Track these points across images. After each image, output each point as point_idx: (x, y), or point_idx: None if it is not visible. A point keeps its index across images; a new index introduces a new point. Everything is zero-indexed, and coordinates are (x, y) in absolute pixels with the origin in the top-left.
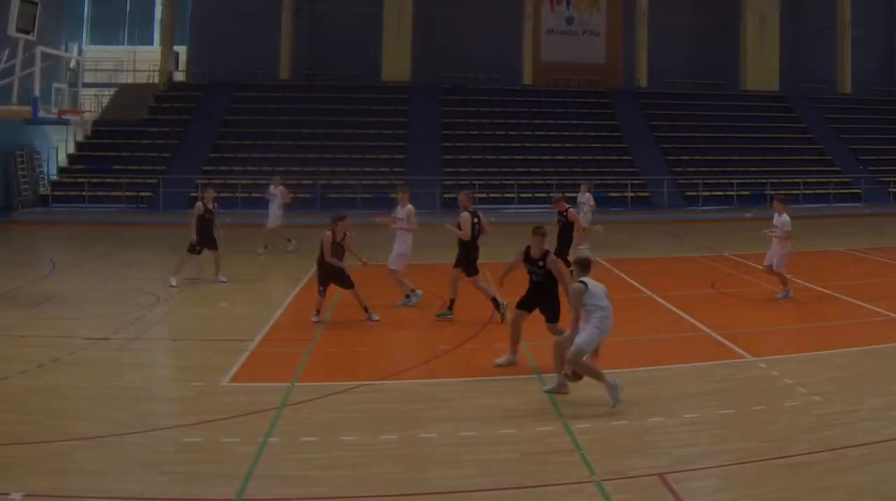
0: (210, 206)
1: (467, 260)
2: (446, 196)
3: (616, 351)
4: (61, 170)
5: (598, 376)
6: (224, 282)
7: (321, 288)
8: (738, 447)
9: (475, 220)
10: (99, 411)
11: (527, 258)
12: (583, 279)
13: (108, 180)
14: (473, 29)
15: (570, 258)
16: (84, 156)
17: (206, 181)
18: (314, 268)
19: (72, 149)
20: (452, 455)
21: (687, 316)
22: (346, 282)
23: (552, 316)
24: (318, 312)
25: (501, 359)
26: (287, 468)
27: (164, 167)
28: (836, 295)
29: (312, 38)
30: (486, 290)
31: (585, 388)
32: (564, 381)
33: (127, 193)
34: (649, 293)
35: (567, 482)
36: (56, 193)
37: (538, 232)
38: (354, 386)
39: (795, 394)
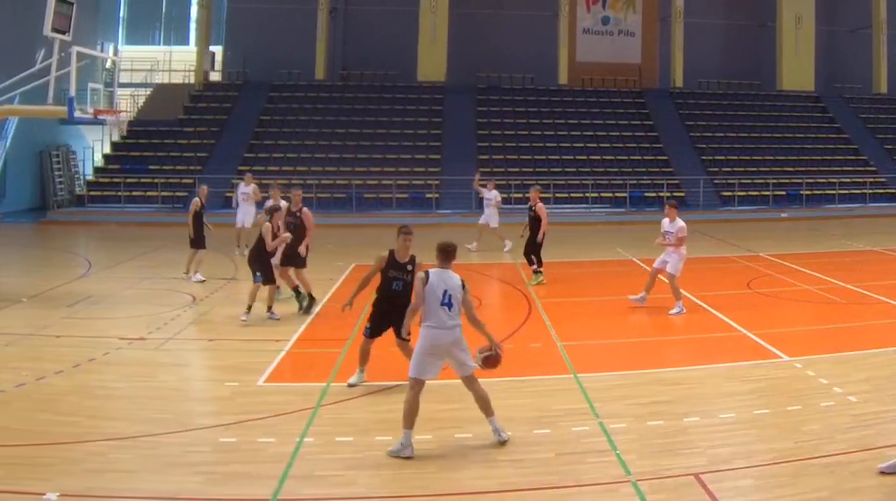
0: (204, 202)
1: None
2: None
3: (652, 350)
4: (97, 170)
5: (409, 416)
6: (202, 281)
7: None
8: (774, 447)
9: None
10: (134, 411)
11: (391, 264)
12: (430, 270)
13: (143, 180)
14: (509, 29)
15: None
16: (120, 156)
17: (200, 179)
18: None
19: (107, 149)
20: (487, 455)
21: (723, 317)
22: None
23: (402, 331)
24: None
25: (353, 379)
26: (322, 468)
27: (199, 167)
28: (871, 295)
29: (347, 38)
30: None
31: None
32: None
33: (163, 193)
34: (685, 293)
35: (603, 482)
36: (92, 193)
37: (404, 232)
38: (390, 386)
39: (831, 394)
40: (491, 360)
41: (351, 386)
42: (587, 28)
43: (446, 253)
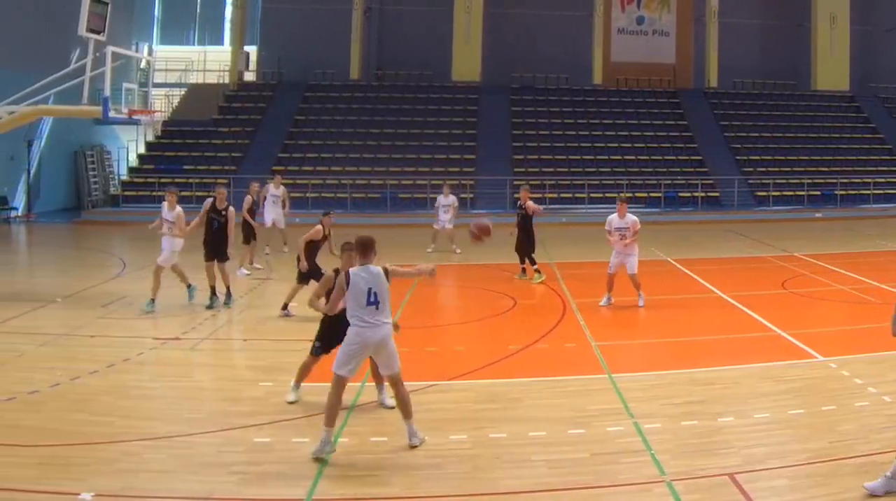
0: (256, 199)
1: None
2: (516, 196)
3: (687, 350)
4: (131, 170)
5: (331, 414)
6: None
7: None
8: (808, 447)
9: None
10: (168, 411)
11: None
12: (351, 269)
13: (178, 180)
14: (543, 29)
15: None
16: (154, 156)
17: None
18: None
19: (142, 149)
20: (522, 455)
21: (757, 316)
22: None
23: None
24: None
25: (291, 396)
26: (357, 468)
27: (234, 167)
28: None
29: (382, 38)
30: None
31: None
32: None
33: (197, 193)
34: (720, 293)
35: (637, 482)
36: (126, 193)
37: (347, 248)
38: (424, 386)
39: (866, 394)
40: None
41: (291, 403)
42: (622, 28)
43: (366, 248)
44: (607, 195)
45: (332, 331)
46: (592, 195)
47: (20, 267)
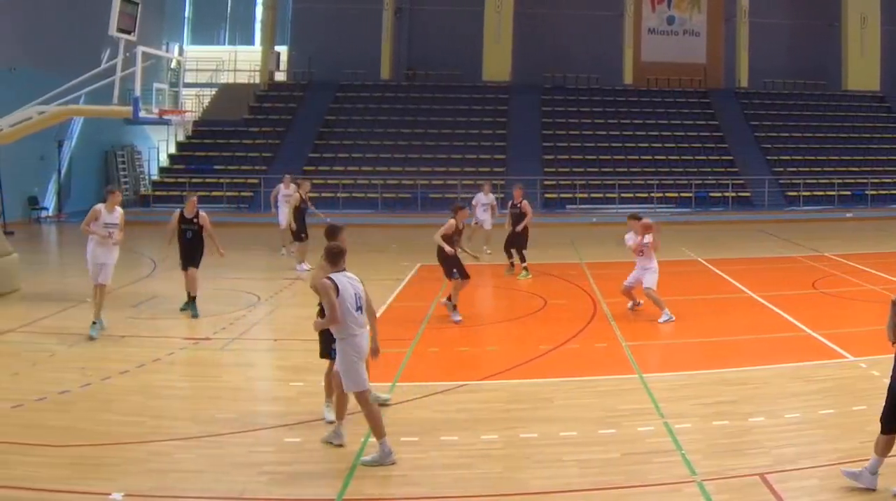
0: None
1: None
2: (547, 195)
3: (717, 350)
4: (162, 170)
5: (374, 426)
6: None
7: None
8: (839, 447)
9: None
10: (199, 411)
11: None
12: (333, 275)
13: (208, 180)
14: (574, 28)
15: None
16: (185, 156)
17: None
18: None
19: (173, 149)
20: (553, 455)
21: (788, 316)
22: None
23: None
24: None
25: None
26: (387, 468)
27: (264, 167)
28: None
29: (413, 38)
30: None
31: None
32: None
33: (228, 193)
34: (750, 293)
35: (668, 482)
36: (157, 193)
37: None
38: (455, 385)
39: None
40: None
41: (330, 423)
42: (652, 28)
43: (338, 255)
44: (638, 195)
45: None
46: (623, 195)
47: (51, 268)
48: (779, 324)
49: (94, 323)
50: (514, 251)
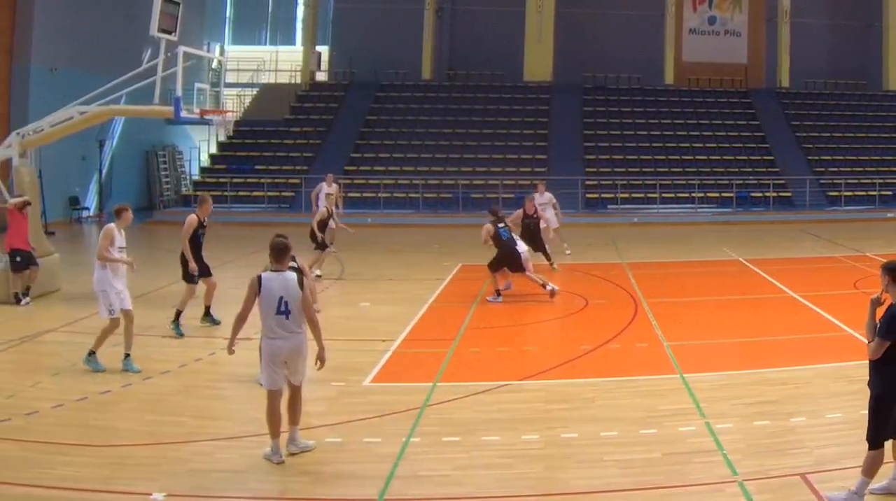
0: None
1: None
2: (588, 195)
3: (758, 350)
4: (203, 170)
5: (271, 425)
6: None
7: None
8: None
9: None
10: (240, 411)
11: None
12: (262, 274)
13: (250, 180)
14: (615, 29)
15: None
16: (226, 156)
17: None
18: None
19: (214, 149)
20: (594, 455)
21: (829, 316)
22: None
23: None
24: None
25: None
26: (428, 468)
27: (306, 167)
28: None
29: (454, 38)
30: None
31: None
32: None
33: (269, 193)
34: (791, 293)
35: (709, 482)
36: (198, 193)
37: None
38: (496, 385)
39: None
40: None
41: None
42: (693, 28)
43: (279, 252)
44: (679, 195)
45: None
46: (664, 195)
47: (91, 268)
48: (820, 324)
49: (127, 355)
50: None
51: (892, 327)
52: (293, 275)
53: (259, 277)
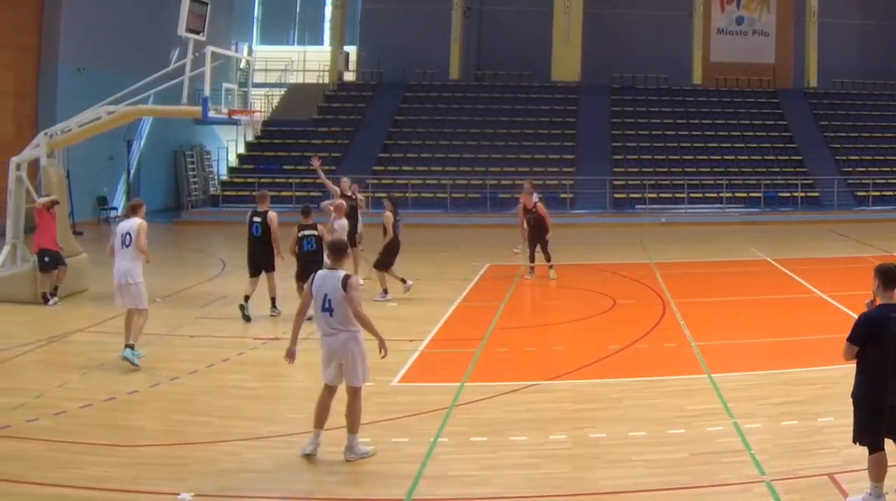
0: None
1: None
2: (616, 195)
3: (786, 350)
4: (231, 170)
5: (315, 417)
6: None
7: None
8: None
9: None
10: (268, 411)
11: None
12: (319, 271)
13: (277, 180)
14: (643, 29)
15: None
16: (254, 156)
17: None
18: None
19: (242, 149)
20: (622, 455)
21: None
22: None
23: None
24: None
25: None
26: (456, 468)
27: (334, 167)
28: None
29: (482, 38)
30: None
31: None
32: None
33: (297, 193)
34: (819, 293)
35: (737, 482)
36: (226, 193)
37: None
38: (524, 385)
39: None
40: None
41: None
42: (721, 28)
43: (335, 250)
44: (707, 195)
45: None
46: (692, 195)
47: None
48: (848, 324)
49: (132, 346)
50: (540, 252)
51: (855, 331)
52: (340, 274)
53: (314, 275)
